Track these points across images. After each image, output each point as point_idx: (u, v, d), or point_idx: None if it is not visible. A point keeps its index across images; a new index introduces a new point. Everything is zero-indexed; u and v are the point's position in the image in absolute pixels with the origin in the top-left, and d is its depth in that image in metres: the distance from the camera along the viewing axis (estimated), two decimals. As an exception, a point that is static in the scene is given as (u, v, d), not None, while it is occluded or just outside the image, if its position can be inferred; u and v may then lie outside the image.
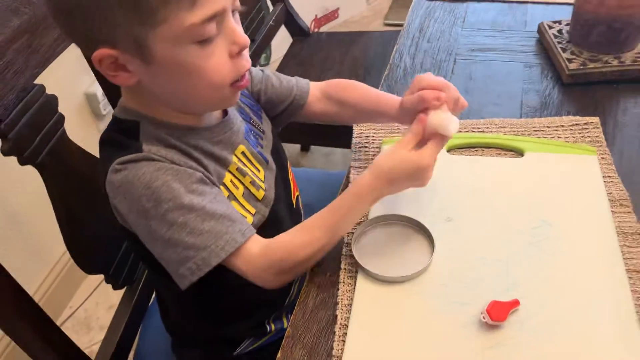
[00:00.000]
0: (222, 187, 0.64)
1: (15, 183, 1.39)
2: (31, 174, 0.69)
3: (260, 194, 0.68)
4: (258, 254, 0.61)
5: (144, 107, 0.62)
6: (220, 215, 0.59)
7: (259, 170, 0.70)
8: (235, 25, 0.58)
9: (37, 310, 0.74)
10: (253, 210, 0.67)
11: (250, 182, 0.67)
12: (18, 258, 1.41)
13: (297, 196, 0.81)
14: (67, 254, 1.52)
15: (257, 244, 0.61)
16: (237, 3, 0.59)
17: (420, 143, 0.65)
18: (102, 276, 0.88)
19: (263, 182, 0.70)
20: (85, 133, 1.62)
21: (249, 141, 0.70)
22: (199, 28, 0.54)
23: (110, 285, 0.90)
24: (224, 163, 0.65)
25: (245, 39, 0.59)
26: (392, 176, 0.63)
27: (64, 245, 0.81)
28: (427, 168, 0.63)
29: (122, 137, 0.61)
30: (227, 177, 0.65)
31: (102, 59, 0.56)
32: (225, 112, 0.69)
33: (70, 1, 0.53)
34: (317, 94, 0.81)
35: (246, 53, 0.61)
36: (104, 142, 0.64)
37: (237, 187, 0.66)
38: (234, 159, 0.67)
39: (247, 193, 0.67)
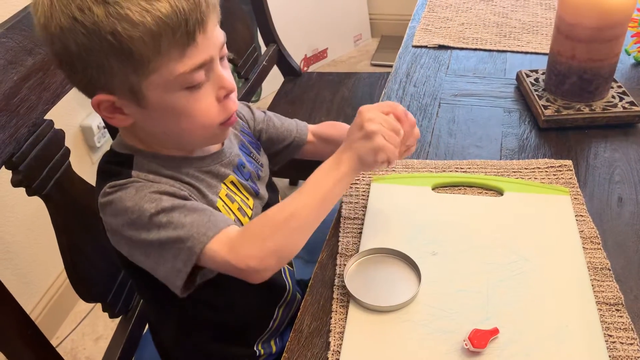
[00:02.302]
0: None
1: (6, 213, 1.40)
2: (24, 204, 0.71)
3: (245, 220, 0.72)
4: (237, 234, 0.62)
5: (139, 143, 0.67)
6: (202, 209, 0.63)
7: (247, 199, 0.75)
8: (222, 71, 0.63)
9: (38, 335, 0.77)
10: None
11: (237, 208, 0.72)
12: (7, 287, 1.41)
13: None
14: (55, 285, 1.55)
15: (237, 228, 0.63)
16: (225, 50, 0.64)
17: None
18: (89, 308, 0.89)
19: (251, 210, 0.74)
20: (80, 165, 1.65)
21: (240, 173, 0.75)
22: (188, 76, 0.59)
23: (97, 317, 0.92)
24: (214, 189, 0.70)
25: (232, 85, 0.64)
26: (347, 135, 0.67)
27: (52, 276, 0.83)
28: (368, 120, 0.65)
29: (116, 167, 0.66)
30: (219, 203, 0.70)
31: (100, 103, 0.61)
32: (221, 144, 0.74)
33: (72, 54, 0.58)
34: (311, 135, 0.88)
35: (234, 96, 0.66)
36: (100, 171, 0.68)
37: (226, 214, 0.70)
38: (223, 186, 0.71)
39: (236, 218, 0.71)
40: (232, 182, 0.73)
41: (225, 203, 0.70)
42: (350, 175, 0.66)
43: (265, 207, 0.77)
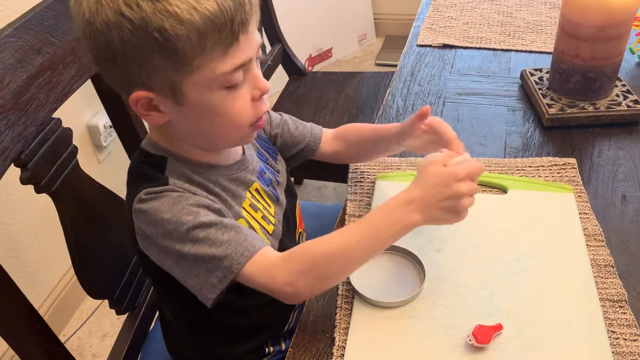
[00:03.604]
0: (240, 220, 0.69)
1: (14, 211, 1.42)
2: (31, 202, 0.71)
3: (270, 228, 0.73)
4: (276, 259, 0.62)
5: (170, 145, 0.67)
6: (238, 226, 0.63)
7: (270, 206, 0.75)
8: (257, 72, 0.64)
9: (47, 331, 0.78)
10: (268, 242, 0.71)
11: (261, 216, 0.72)
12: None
13: (301, 232, 0.85)
14: (62, 283, 1.56)
15: (274, 252, 0.64)
16: (260, 52, 0.64)
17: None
18: (95, 305, 0.90)
19: (273, 217, 0.74)
20: (87, 164, 1.66)
21: (262, 179, 0.75)
22: (228, 76, 0.60)
23: (103, 314, 0.93)
24: (239, 200, 0.70)
25: (267, 85, 0.64)
26: (424, 185, 0.62)
27: (59, 274, 0.84)
28: (459, 180, 0.61)
29: (150, 170, 0.66)
30: (244, 213, 0.70)
31: (138, 100, 0.61)
32: (242, 153, 0.75)
33: (115, 50, 0.57)
34: (329, 137, 0.88)
35: (265, 97, 0.66)
36: (133, 172, 0.69)
37: (252, 223, 0.70)
38: (248, 194, 0.72)
39: (260, 227, 0.72)
40: (257, 190, 0.73)
41: (249, 213, 0.71)
42: (413, 228, 0.63)
43: (285, 214, 0.78)
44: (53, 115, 0.81)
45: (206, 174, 0.68)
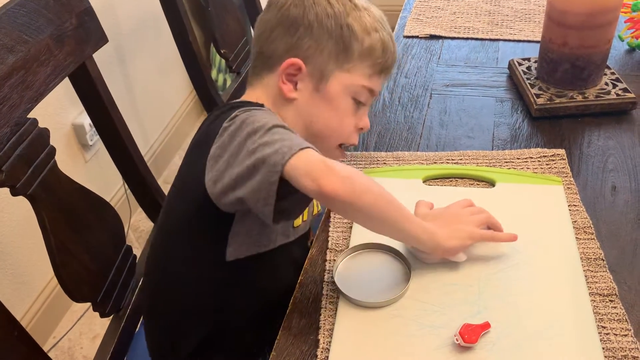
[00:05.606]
0: None
1: (0, 213, 1.40)
2: (17, 205, 0.70)
3: (298, 221, 0.74)
4: (318, 157, 0.60)
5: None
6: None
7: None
8: (367, 112, 0.78)
9: (27, 339, 0.76)
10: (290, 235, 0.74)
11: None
12: (1, 287, 1.41)
13: (311, 240, 0.84)
14: (51, 285, 1.54)
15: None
16: (377, 96, 0.75)
17: None
18: (86, 306, 0.89)
19: (306, 215, 0.76)
20: (72, 163, 1.63)
21: None
22: (362, 90, 0.74)
23: (94, 316, 0.92)
24: None
25: (369, 124, 0.79)
26: (435, 215, 0.72)
27: (47, 275, 0.83)
28: (464, 220, 0.70)
29: (247, 104, 0.70)
30: None
31: (291, 65, 0.71)
32: None
33: (303, 21, 0.70)
34: None
35: (358, 135, 0.79)
36: (221, 108, 0.71)
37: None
38: None
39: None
40: None
41: None
42: (419, 238, 0.67)
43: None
44: (35, 116, 0.79)
45: None
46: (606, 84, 0.99)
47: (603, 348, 0.60)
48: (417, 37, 1.25)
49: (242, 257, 0.70)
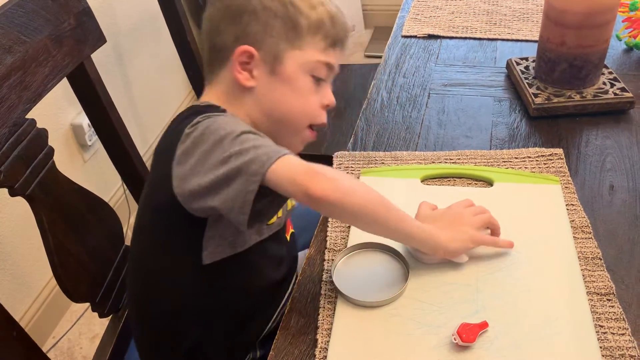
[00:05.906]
0: None
1: (0, 213, 1.40)
2: (16, 205, 0.71)
3: (274, 218, 0.73)
4: (299, 161, 0.61)
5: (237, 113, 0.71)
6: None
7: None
8: (330, 88, 0.77)
9: (26, 339, 0.76)
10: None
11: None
12: (0, 288, 1.41)
13: (292, 233, 0.84)
14: (50, 285, 1.54)
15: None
16: (337, 71, 0.76)
17: None
18: (85, 306, 0.89)
19: (281, 211, 0.74)
20: (71, 163, 1.63)
21: None
22: (319, 65, 0.72)
23: (93, 316, 0.92)
24: None
25: (334, 100, 0.77)
26: (436, 216, 0.72)
27: (47, 275, 0.83)
28: (466, 221, 0.70)
29: (208, 109, 0.69)
30: None
31: (243, 53, 0.70)
32: None
33: (246, 8, 0.69)
34: None
35: (326, 113, 0.76)
36: (183, 114, 0.69)
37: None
38: None
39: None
40: None
41: None
42: (416, 239, 0.67)
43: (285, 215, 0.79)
44: (34, 117, 0.79)
45: None
46: (604, 83, 0.99)
47: (600, 347, 0.61)
48: (415, 36, 1.25)
49: (218, 260, 0.69)
